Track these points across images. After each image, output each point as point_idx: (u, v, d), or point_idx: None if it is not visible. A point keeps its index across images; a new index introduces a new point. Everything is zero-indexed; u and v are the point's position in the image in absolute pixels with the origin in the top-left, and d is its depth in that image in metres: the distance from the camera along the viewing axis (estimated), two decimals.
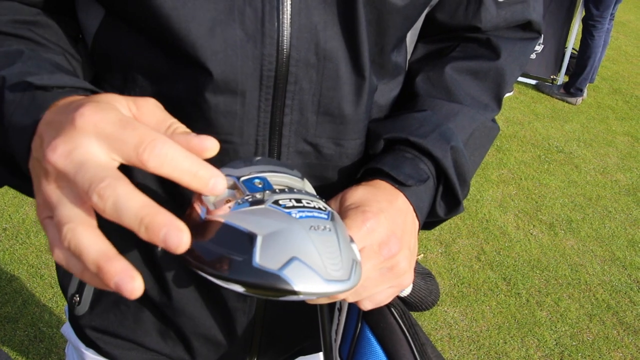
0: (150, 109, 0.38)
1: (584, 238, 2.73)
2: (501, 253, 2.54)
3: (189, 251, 0.36)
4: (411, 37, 0.62)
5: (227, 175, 0.41)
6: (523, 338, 2.12)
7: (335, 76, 0.52)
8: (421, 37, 0.64)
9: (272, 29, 0.48)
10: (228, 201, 0.38)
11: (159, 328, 0.64)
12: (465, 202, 2.83)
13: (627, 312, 2.30)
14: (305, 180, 0.46)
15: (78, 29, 0.55)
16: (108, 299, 0.64)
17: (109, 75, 0.54)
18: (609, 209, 2.98)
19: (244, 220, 0.36)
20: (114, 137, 0.33)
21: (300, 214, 0.38)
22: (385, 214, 0.48)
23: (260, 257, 0.35)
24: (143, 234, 0.31)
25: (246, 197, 0.38)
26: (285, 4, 0.48)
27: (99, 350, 0.68)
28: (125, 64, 0.52)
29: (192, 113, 0.51)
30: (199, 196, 0.40)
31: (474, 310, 2.20)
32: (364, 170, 0.55)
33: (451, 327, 2.12)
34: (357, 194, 0.50)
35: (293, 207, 0.38)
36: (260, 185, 0.41)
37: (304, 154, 0.55)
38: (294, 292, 0.35)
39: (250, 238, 0.35)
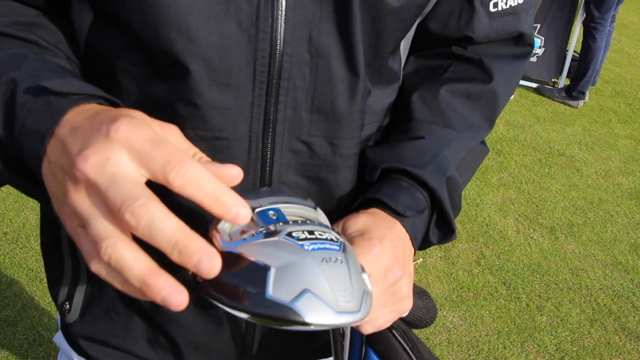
0: (175, 136, 0.39)
1: (585, 242, 2.72)
2: (501, 257, 2.53)
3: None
4: (404, 46, 0.62)
5: None
6: (523, 343, 2.10)
7: (328, 73, 0.52)
8: (413, 51, 0.65)
9: (266, 24, 0.49)
10: (243, 232, 0.40)
11: (149, 336, 0.64)
12: (464, 206, 2.82)
13: (629, 317, 2.29)
14: (319, 210, 0.48)
15: (74, 32, 0.55)
16: (98, 306, 0.64)
17: (98, 78, 0.54)
18: (610, 213, 2.97)
19: (258, 252, 0.38)
20: (144, 153, 0.34)
21: (313, 246, 0.39)
22: (388, 240, 0.50)
23: (274, 289, 0.36)
24: (175, 257, 0.32)
25: (261, 229, 0.40)
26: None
27: (89, 359, 0.67)
28: (114, 66, 0.52)
29: (184, 111, 0.51)
30: (215, 226, 0.41)
31: (473, 315, 2.20)
32: (361, 199, 0.57)
33: (450, 331, 2.11)
34: (359, 221, 0.52)
35: (306, 239, 0.39)
36: (274, 217, 0.42)
37: (298, 153, 0.55)
38: (305, 324, 0.36)
39: (264, 270, 0.37)
